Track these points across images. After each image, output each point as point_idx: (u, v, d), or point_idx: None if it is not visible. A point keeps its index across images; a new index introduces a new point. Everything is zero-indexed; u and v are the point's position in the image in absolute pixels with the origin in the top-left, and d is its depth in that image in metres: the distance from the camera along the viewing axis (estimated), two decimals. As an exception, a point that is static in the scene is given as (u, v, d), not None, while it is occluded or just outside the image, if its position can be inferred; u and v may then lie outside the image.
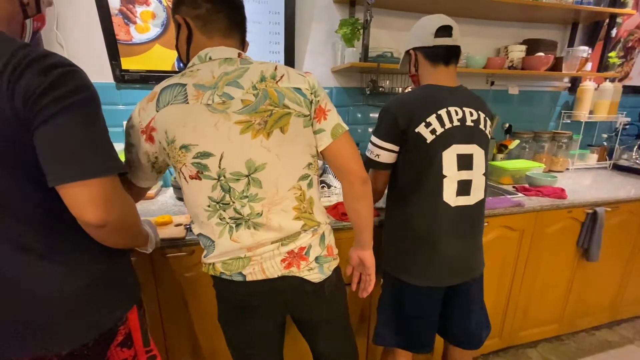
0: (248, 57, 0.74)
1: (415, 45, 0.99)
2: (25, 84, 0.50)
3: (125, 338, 0.74)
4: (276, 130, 0.69)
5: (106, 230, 0.59)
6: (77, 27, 1.31)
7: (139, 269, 1.00)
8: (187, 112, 0.66)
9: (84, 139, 0.55)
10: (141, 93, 1.42)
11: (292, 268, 0.76)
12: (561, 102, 2.09)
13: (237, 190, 0.70)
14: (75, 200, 0.55)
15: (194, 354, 1.19)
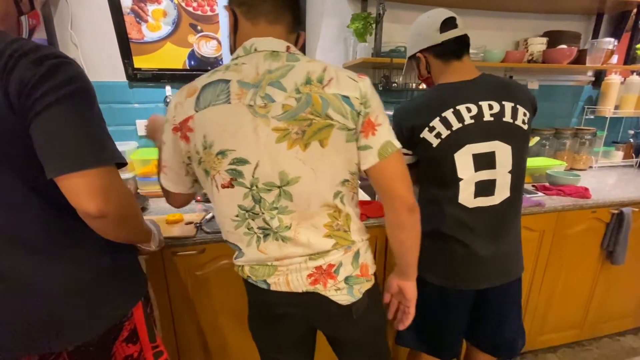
0: (297, 52, 0.65)
1: (422, 47, 0.93)
2: (18, 75, 0.50)
3: (131, 334, 0.74)
4: (314, 143, 0.61)
5: (106, 221, 0.58)
6: (90, 26, 1.32)
7: (150, 267, 1.01)
8: (229, 113, 0.60)
9: (80, 129, 0.54)
10: (153, 91, 1.43)
11: (317, 285, 0.70)
12: (584, 97, 2.00)
13: (267, 201, 0.65)
14: (74, 191, 0.54)
15: (204, 351, 1.19)
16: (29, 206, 0.58)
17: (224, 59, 1.43)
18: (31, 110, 0.51)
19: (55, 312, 0.61)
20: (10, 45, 0.51)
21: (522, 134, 0.89)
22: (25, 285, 0.59)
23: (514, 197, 0.92)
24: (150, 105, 1.45)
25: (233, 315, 1.16)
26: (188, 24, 1.36)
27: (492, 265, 0.94)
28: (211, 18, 1.37)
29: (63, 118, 0.52)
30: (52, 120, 0.52)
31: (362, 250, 0.74)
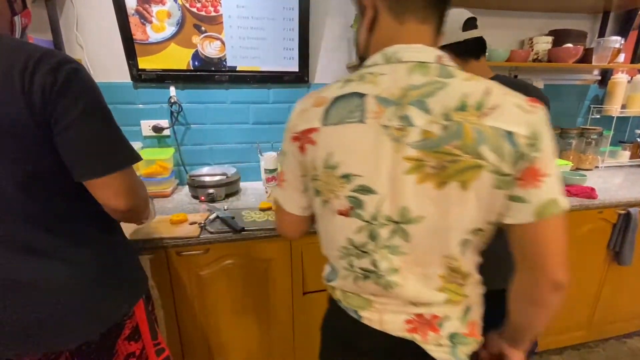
0: (451, 64, 0.52)
1: (443, 44, 0.91)
2: (40, 81, 0.52)
3: (132, 332, 0.75)
4: (454, 184, 0.49)
5: (132, 213, 0.67)
6: (95, 28, 1.33)
7: (154, 267, 1.02)
8: (362, 134, 0.51)
9: (105, 136, 0.61)
10: (158, 92, 1.44)
11: (415, 335, 0.60)
12: (590, 96, 1.98)
13: (382, 237, 0.55)
14: (105, 191, 0.61)
15: (208, 349, 1.19)
16: (32, 209, 0.59)
17: (227, 60, 1.43)
18: (58, 122, 0.55)
19: (57, 312, 0.62)
20: (23, 47, 0.53)
21: None
22: (26, 285, 0.60)
23: None
24: (155, 106, 1.46)
25: (236, 315, 1.17)
26: (192, 25, 1.36)
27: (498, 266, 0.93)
28: (215, 19, 1.37)
29: (88, 128, 0.58)
30: (80, 131, 0.57)
31: (473, 306, 0.62)
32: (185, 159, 1.56)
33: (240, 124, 1.57)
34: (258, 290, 1.16)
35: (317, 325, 1.25)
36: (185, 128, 1.52)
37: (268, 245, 1.11)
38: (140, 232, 1.03)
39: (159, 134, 1.49)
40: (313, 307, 1.23)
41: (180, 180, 1.56)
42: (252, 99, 1.54)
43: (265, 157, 1.29)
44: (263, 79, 1.51)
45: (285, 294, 1.18)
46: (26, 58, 0.52)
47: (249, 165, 1.62)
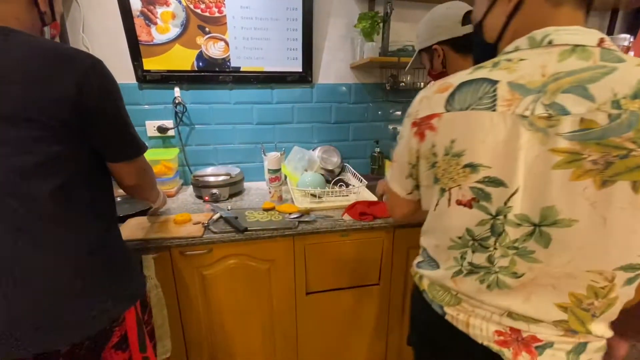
0: (615, 48, 0.45)
1: (442, 39, 0.90)
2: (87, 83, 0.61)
3: (121, 340, 0.73)
4: (622, 183, 0.42)
5: (138, 188, 0.83)
6: (101, 30, 1.35)
7: (158, 266, 1.02)
8: (492, 123, 0.47)
9: (130, 125, 0.72)
10: (162, 93, 1.45)
11: (505, 349, 0.54)
12: (598, 95, 1.95)
13: (509, 236, 0.50)
14: (125, 172, 0.75)
15: (212, 349, 1.20)
16: (36, 200, 0.60)
17: (231, 60, 1.44)
18: (96, 117, 0.64)
19: (44, 312, 0.61)
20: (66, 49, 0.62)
21: None
22: (18, 283, 0.59)
23: None
24: (159, 107, 1.47)
25: (240, 314, 1.17)
26: (196, 26, 1.37)
27: None
28: (219, 19, 1.38)
29: (119, 117, 0.69)
30: (113, 127, 0.68)
31: (590, 348, 0.52)
32: (190, 159, 1.57)
33: (244, 124, 1.57)
34: (261, 290, 1.16)
35: (321, 325, 1.26)
36: (190, 128, 1.53)
37: (271, 245, 1.11)
38: (144, 232, 1.04)
39: (164, 135, 1.50)
40: (316, 307, 1.22)
41: (184, 181, 1.57)
42: (255, 99, 1.55)
43: (269, 157, 1.29)
44: (267, 79, 1.51)
45: (289, 294, 1.18)
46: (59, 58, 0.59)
47: (253, 166, 1.62)
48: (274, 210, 1.22)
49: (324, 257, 1.16)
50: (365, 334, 1.32)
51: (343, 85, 1.62)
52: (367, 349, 1.34)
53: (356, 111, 1.67)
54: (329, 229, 1.11)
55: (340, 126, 1.68)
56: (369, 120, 1.70)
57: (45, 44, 0.59)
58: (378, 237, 1.19)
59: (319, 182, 1.32)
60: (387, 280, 1.26)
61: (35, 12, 0.64)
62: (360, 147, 1.73)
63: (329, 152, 1.58)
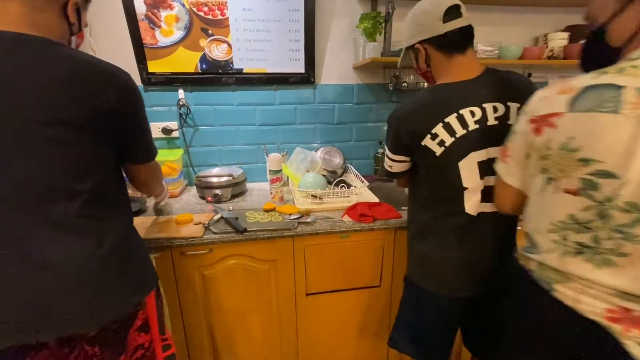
0: None
1: (422, 38, 0.84)
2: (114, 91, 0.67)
3: (143, 323, 0.79)
4: None
5: (145, 186, 0.91)
6: (107, 33, 1.38)
7: (160, 266, 1.04)
8: (613, 125, 0.51)
9: (150, 132, 0.81)
10: (167, 95, 1.47)
11: (615, 325, 0.57)
12: (611, 94, 1.89)
13: (616, 220, 0.54)
14: (141, 172, 0.84)
15: (213, 348, 1.21)
16: (74, 193, 0.65)
17: (234, 62, 1.45)
18: (125, 121, 0.71)
19: (75, 296, 0.65)
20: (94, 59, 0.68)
21: None
22: (50, 262, 0.63)
23: None
24: (164, 109, 1.50)
25: (241, 314, 1.18)
26: (199, 29, 1.38)
27: (487, 273, 0.90)
28: (222, 22, 1.39)
29: (143, 122, 0.77)
30: (136, 132, 0.76)
31: None
32: (194, 160, 1.59)
33: (247, 125, 1.58)
34: (261, 291, 1.17)
35: (321, 326, 1.26)
36: (194, 130, 1.55)
37: (271, 246, 1.11)
38: (145, 232, 1.06)
39: (169, 136, 1.52)
40: (317, 308, 1.22)
41: (189, 181, 1.59)
42: (258, 101, 1.55)
43: (270, 158, 1.30)
44: (269, 80, 1.52)
45: (289, 295, 1.19)
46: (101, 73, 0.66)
47: (256, 166, 1.63)
48: (275, 211, 1.22)
49: (324, 258, 1.16)
50: (366, 337, 1.31)
51: (346, 86, 1.61)
52: (368, 351, 1.34)
53: (359, 112, 1.66)
54: (328, 230, 1.11)
55: (343, 127, 1.67)
56: (372, 121, 1.69)
57: (89, 60, 0.66)
58: (379, 239, 1.18)
59: (320, 183, 1.32)
60: (388, 283, 1.25)
61: (65, 22, 0.68)
62: (364, 147, 1.73)
63: (331, 153, 1.57)
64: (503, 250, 0.91)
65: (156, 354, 0.83)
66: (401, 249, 1.20)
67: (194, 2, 1.35)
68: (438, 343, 1.01)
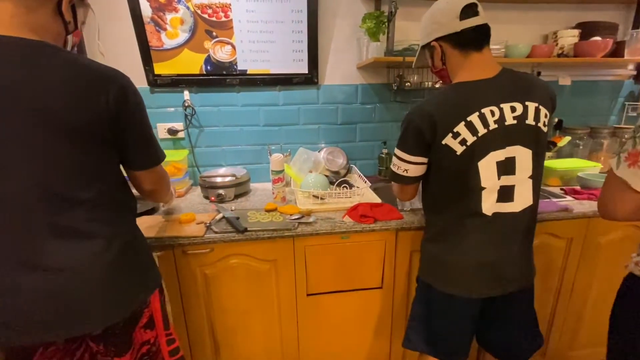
0: None
1: (439, 35, 0.86)
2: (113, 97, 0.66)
3: (149, 320, 0.81)
4: None
5: (151, 195, 0.87)
6: (115, 36, 1.41)
7: (162, 264, 1.05)
8: None
9: (153, 136, 0.78)
10: (172, 96, 1.50)
11: None
12: (624, 93, 1.83)
13: None
14: (143, 179, 0.81)
15: (215, 346, 1.22)
16: (86, 197, 0.67)
17: (238, 63, 1.47)
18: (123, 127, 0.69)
19: (80, 293, 0.67)
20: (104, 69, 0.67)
21: (543, 136, 0.84)
22: (57, 266, 0.65)
23: (535, 204, 0.88)
24: (170, 110, 1.52)
25: (242, 314, 1.19)
26: (204, 31, 1.40)
27: (504, 273, 0.89)
28: (225, 24, 1.41)
29: (144, 131, 0.75)
30: (137, 137, 0.74)
31: None
32: (199, 161, 1.61)
33: (251, 126, 1.60)
34: (263, 291, 1.17)
35: (323, 327, 1.25)
36: (199, 130, 1.57)
37: (271, 246, 1.12)
38: (149, 231, 1.07)
39: (174, 137, 1.55)
40: (317, 309, 1.22)
41: (194, 181, 1.61)
42: (262, 102, 1.57)
43: (272, 159, 1.30)
44: (273, 81, 1.53)
45: (290, 295, 1.19)
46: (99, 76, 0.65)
47: (260, 167, 1.64)
48: (276, 212, 1.23)
49: (325, 258, 1.16)
50: (368, 338, 1.30)
51: (349, 86, 1.61)
52: (370, 352, 1.32)
53: (363, 112, 1.65)
54: (328, 230, 1.11)
55: (347, 127, 1.67)
56: (376, 121, 1.68)
57: (86, 63, 0.65)
58: (380, 240, 1.17)
59: (322, 184, 1.32)
60: (390, 284, 1.23)
61: (60, 21, 0.67)
62: (368, 148, 1.72)
63: (334, 154, 1.57)
64: (520, 250, 0.90)
65: (161, 348, 0.87)
66: (403, 251, 1.18)
67: (199, 5, 1.37)
68: (456, 343, 1.00)
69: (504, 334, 1.02)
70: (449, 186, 0.88)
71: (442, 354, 1.01)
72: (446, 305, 0.95)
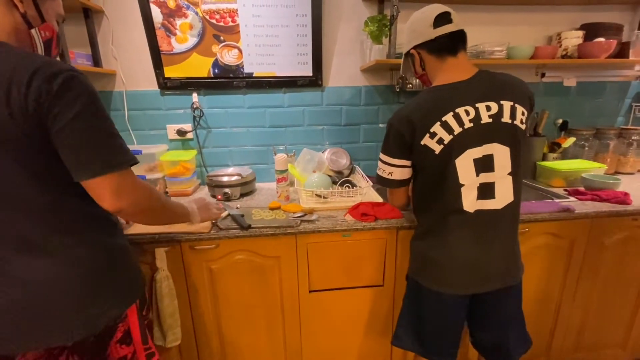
0: None
1: (416, 43, 0.91)
2: (36, 89, 0.56)
3: (124, 335, 0.78)
4: None
5: (124, 214, 0.70)
6: (128, 42, 1.47)
7: (170, 259, 1.10)
8: None
9: (100, 138, 0.63)
10: (182, 98, 1.55)
11: None
12: (632, 94, 1.81)
13: None
14: (95, 192, 0.65)
15: (220, 340, 1.26)
16: (35, 208, 0.63)
17: (245, 67, 1.51)
18: (54, 124, 0.58)
19: (44, 309, 0.65)
20: (23, 60, 0.57)
21: (520, 133, 0.87)
22: (20, 279, 0.63)
23: (517, 200, 0.89)
24: (179, 111, 1.58)
25: (246, 308, 1.22)
26: (212, 35, 1.46)
27: (490, 270, 0.91)
28: (232, 29, 1.46)
29: (83, 131, 0.61)
30: (71, 137, 0.60)
31: None
32: (207, 161, 1.66)
33: (257, 127, 1.64)
34: (266, 287, 1.21)
35: (325, 323, 1.28)
36: (207, 131, 1.62)
37: (274, 243, 1.15)
38: (157, 227, 1.12)
39: (183, 137, 1.60)
40: (320, 305, 1.25)
41: (202, 181, 1.66)
42: (268, 103, 1.61)
43: (276, 159, 1.34)
44: (278, 83, 1.57)
45: (292, 291, 1.22)
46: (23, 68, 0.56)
47: (266, 167, 1.68)
48: (280, 210, 1.26)
49: (327, 256, 1.19)
50: (370, 335, 1.32)
51: (353, 88, 1.64)
52: (371, 349, 1.34)
53: (367, 113, 1.68)
54: (330, 228, 1.14)
55: (351, 128, 1.70)
56: (380, 122, 1.70)
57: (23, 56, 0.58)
58: (381, 238, 1.19)
59: (325, 183, 1.35)
60: (391, 282, 1.25)
61: (17, 13, 0.62)
62: (372, 148, 1.74)
63: (338, 154, 1.60)
64: (504, 246, 0.92)
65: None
66: (404, 249, 1.20)
67: (207, 10, 1.42)
68: (444, 341, 1.02)
69: (494, 334, 1.03)
70: (432, 185, 0.91)
71: (429, 352, 1.02)
72: (434, 302, 0.97)
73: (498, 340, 1.02)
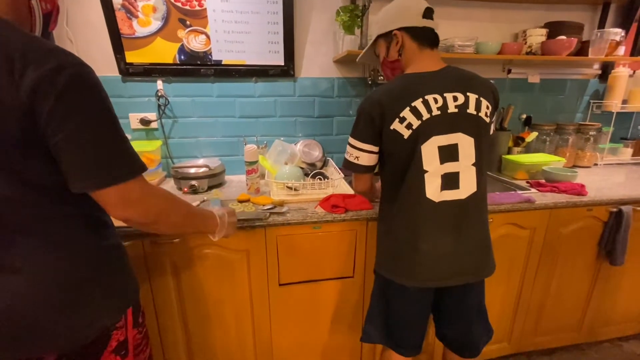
0: None
1: (403, 25, 0.91)
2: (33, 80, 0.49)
3: (119, 345, 0.72)
4: None
5: (132, 223, 0.63)
6: (84, 23, 1.37)
7: (131, 254, 1.02)
8: None
9: (106, 147, 0.57)
10: (145, 85, 1.47)
11: None
12: (590, 91, 1.91)
13: None
14: (97, 199, 0.59)
15: (187, 336, 1.22)
16: (21, 213, 0.57)
17: (213, 54, 1.45)
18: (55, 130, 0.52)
19: (35, 317, 0.60)
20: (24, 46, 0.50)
21: (484, 126, 0.89)
22: (6, 286, 0.58)
23: (481, 191, 0.91)
24: (143, 99, 1.49)
25: (213, 303, 1.19)
26: (177, 19, 1.38)
27: (456, 263, 0.91)
28: (199, 13, 1.39)
29: (87, 138, 0.55)
30: (73, 143, 0.54)
31: None
32: (173, 152, 1.59)
33: (226, 117, 1.58)
34: (234, 281, 1.17)
35: (294, 316, 1.27)
36: (173, 121, 1.55)
37: (243, 236, 1.12)
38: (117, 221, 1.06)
39: (147, 127, 1.52)
40: (290, 298, 1.23)
41: (167, 173, 1.59)
42: (238, 93, 1.56)
43: (246, 150, 1.30)
44: (248, 72, 1.52)
45: (262, 285, 1.20)
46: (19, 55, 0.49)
47: (236, 159, 1.63)
48: (249, 202, 1.23)
49: (297, 248, 1.17)
50: (340, 327, 1.33)
51: (326, 79, 1.62)
52: (342, 341, 1.35)
53: (340, 105, 1.67)
54: (300, 220, 1.12)
55: (324, 120, 1.68)
56: (352, 115, 1.69)
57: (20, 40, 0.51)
58: (351, 230, 1.19)
59: (296, 175, 1.33)
60: (361, 274, 1.26)
61: None
62: (345, 141, 1.71)
63: (310, 146, 1.58)
64: (473, 240, 0.92)
65: None
66: (374, 240, 1.20)
67: (171, -8, 1.35)
68: (409, 333, 1.02)
69: (460, 327, 1.04)
70: (398, 173, 0.91)
71: (396, 345, 1.03)
72: (400, 295, 0.97)
73: (464, 332, 1.04)
